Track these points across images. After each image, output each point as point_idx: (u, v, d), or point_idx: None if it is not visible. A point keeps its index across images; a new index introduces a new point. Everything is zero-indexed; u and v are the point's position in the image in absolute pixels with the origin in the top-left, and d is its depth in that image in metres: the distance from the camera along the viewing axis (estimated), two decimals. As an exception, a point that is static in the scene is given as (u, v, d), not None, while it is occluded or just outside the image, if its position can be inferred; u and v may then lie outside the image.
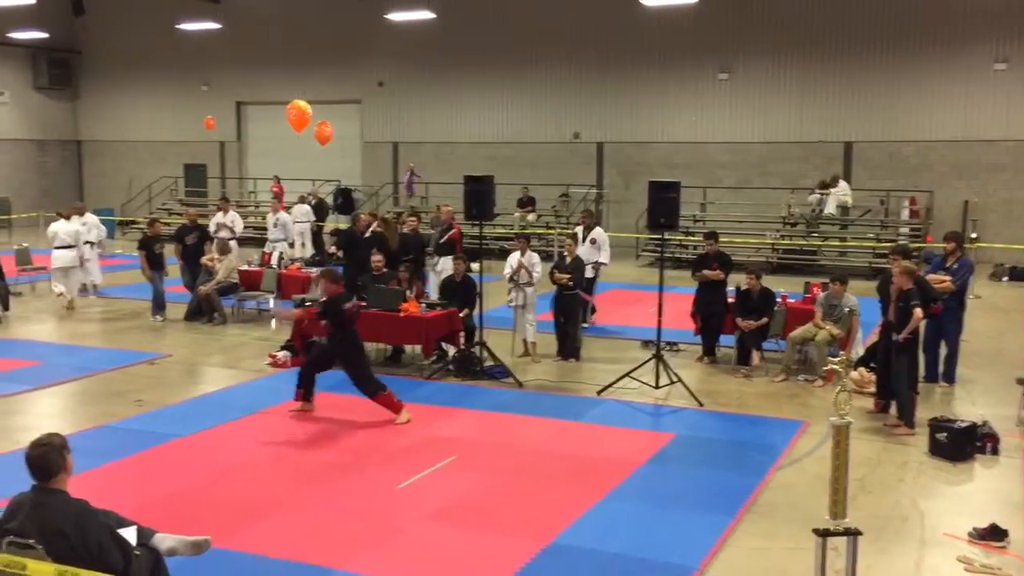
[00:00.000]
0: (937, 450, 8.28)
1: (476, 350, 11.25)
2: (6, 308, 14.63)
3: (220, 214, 17.23)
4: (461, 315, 11.58)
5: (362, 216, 14.40)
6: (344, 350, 9.32)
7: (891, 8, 22.19)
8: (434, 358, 11.64)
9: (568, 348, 12.00)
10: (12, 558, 4.24)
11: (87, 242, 16.64)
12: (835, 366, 5.28)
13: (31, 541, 4.27)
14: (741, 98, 24.01)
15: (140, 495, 7.12)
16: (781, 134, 23.74)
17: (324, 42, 28.20)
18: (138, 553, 4.61)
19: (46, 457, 4.42)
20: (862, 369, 10.35)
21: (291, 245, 18.80)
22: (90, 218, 17.23)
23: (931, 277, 10.46)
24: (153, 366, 11.68)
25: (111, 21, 30.40)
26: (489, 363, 11.15)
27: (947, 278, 10.45)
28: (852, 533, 5.08)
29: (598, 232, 13.91)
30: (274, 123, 27.67)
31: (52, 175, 32.43)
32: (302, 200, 22.55)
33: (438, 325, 11.31)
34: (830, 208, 21.52)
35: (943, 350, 10.71)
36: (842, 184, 21.76)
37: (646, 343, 12.21)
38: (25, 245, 18.08)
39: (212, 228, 16.53)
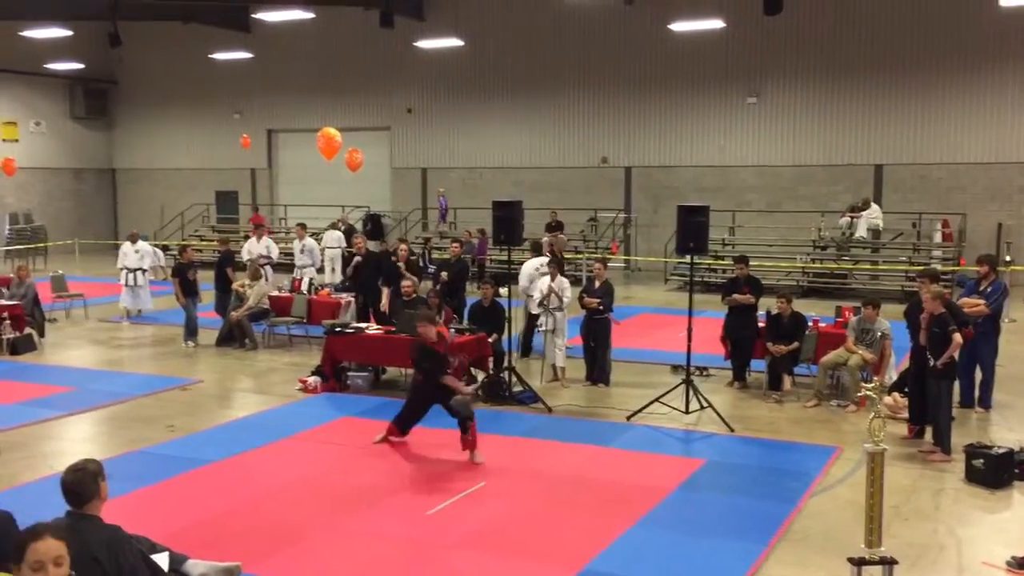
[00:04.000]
0: (974, 477, 8.15)
1: (505, 375, 11.24)
2: (41, 334, 14.84)
3: (254, 240, 17.41)
4: (490, 340, 11.59)
5: (402, 246, 14.53)
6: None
7: (921, 30, 22.09)
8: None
9: (597, 373, 11.96)
10: (46, 583, 4.27)
11: (139, 269, 17.01)
12: (869, 392, 5.23)
13: (65, 566, 4.30)
14: (770, 121, 23.96)
15: (172, 520, 7.15)
16: (811, 157, 23.64)
17: (354, 70, 28.54)
18: (170, 579, 4.64)
19: (81, 483, 4.46)
20: (896, 394, 10.22)
21: (320, 271, 18.95)
22: (142, 245, 17.57)
23: (965, 301, 10.33)
24: (185, 392, 11.78)
25: (146, 52, 30.98)
26: (518, 388, 11.13)
27: (981, 302, 10.30)
28: (888, 562, 5.01)
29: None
30: (304, 150, 28.04)
31: (87, 203, 32.97)
32: (333, 227, 22.74)
33: (467, 350, 11.30)
34: (861, 231, 21.36)
35: (978, 375, 10.55)
36: (873, 207, 21.60)
37: (676, 368, 12.14)
38: (60, 272, 18.36)
39: (245, 255, 16.72)
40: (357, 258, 14.49)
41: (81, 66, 30.02)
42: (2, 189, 29.51)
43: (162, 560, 4.67)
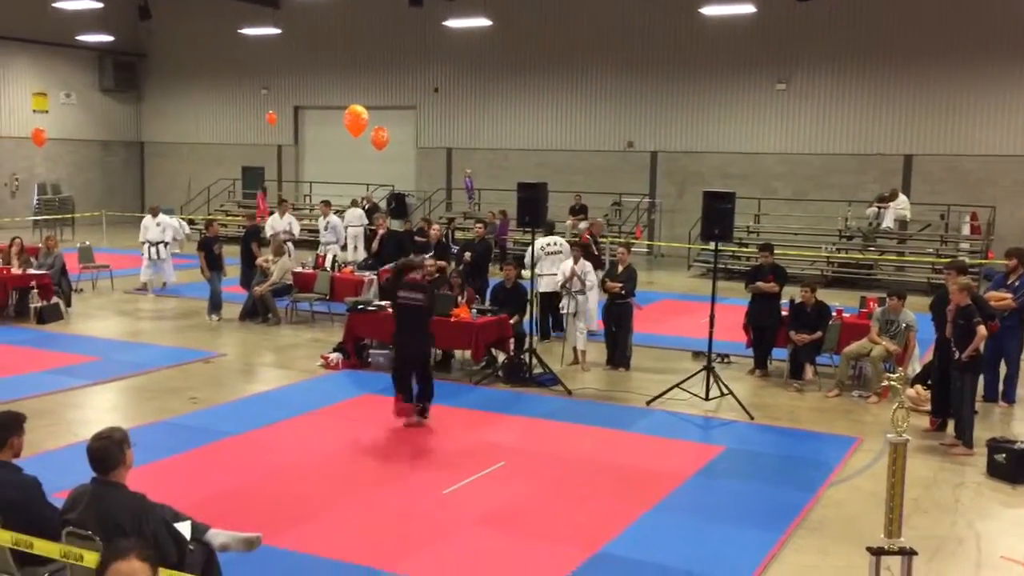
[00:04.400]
0: (995, 471, 8.10)
1: (525, 357, 11.25)
2: (68, 304, 15.00)
3: (276, 216, 17.49)
4: (511, 321, 11.60)
5: (435, 226, 14.58)
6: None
7: (954, 18, 21.75)
8: (483, 364, 11.67)
9: (618, 357, 11.95)
10: (70, 548, 4.34)
11: (161, 242, 17.14)
12: (893, 382, 5.19)
13: (89, 532, 4.37)
14: (798, 108, 23.73)
15: (193, 491, 7.24)
16: (839, 146, 23.40)
17: (381, 48, 28.52)
18: (192, 548, 4.70)
19: (107, 450, 4.52)
20: (919, 387, 10.14)
21: (343, 248, 19.02)
22: (164, 219, 17.66)
23: (992, 294, 10.23)
24: (208, 364, 11.88)
25: (175, 26, 31.09)
26: (538, 370, 11.15)
27: (1008, 296, 10.20)
28: (907, 553, 4.98)
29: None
30: (331, 127, 28.11)
31: (115, 175, 33.19)
32: (354, 204, 22.80)
33: (488, 331, 11.34)
34: (888, 222, 21.14)
35: (1003, 369, 10.46)
36: (901, 198, 21.36)
37: (697, 354, 12.10)
38: (88, 243, 18.53)
39: (268, 231, 16.80)
40: (382, 231, 14.50)
41: (111, 38, 30.14)
42: (31, 160, 29.77)
43: (184, 529, 4.73)
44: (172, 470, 7.88)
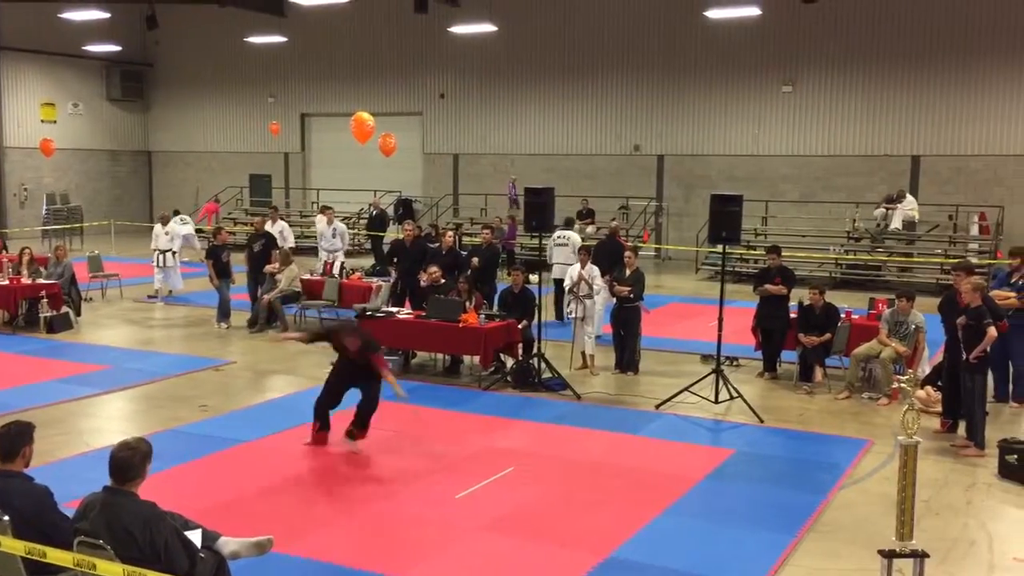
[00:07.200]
0: (1007, 472, 8.06)
1: (534, 362, 11.25)
2: (77, 313, 15.05)
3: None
4: (520, 326, 11.61)
5: (448, 233, 14.65)
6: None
7: (960, 19, 21.73)
8: (492, 369, 11.67)
9: (626, 361, 11.95)
10: (83, 557, 4.36)
11: (169, 250, 17.21)
12: (903, 384, 5.18)
13: (100, 541, 4.38)
14: (805, 110, 23.72)
15: (204, 498, 7.25)
16: (846, 147, 23.37)
17: (387, 55, 28.61)
18: (203, 556, 4.72)
19: (130, 460, 4.56)
20: (929, 388, 10.12)
21: (347, 254, 19.00)
22: (172, 227, 17.77)
23: (995, 293, 10.18)
24: (218, 372, 11.91)
25: (182, 35, 31.23)
26: (547, 375, 11.15)
27: (1012, 294, 10.17)
28: (919, 555, 4.97)
29: None
30: (338, 134, 28.15)
31: (123, 184, 33.34)
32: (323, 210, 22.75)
33: (496, 336, 11.34)
34: (896, 223, 21.11)
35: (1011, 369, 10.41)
36: (909, 198, 21.33)
37: (705, 357, 12.09)
38: (97, 252, 18.60)
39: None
40: (408, 238, 14.33)
41: (118, 48, 30.31)
42: (40, 170, 29.91)
43: (195, 537, 4.75)
44: (183, 478, 7.89)
